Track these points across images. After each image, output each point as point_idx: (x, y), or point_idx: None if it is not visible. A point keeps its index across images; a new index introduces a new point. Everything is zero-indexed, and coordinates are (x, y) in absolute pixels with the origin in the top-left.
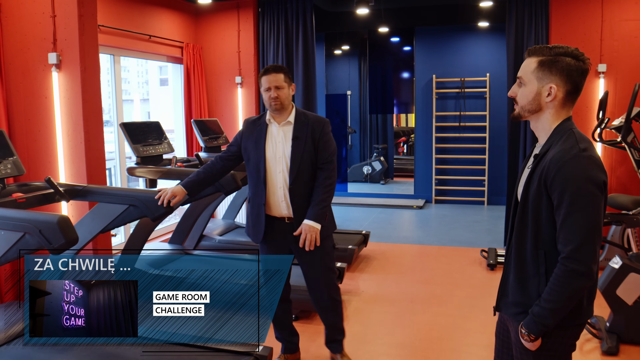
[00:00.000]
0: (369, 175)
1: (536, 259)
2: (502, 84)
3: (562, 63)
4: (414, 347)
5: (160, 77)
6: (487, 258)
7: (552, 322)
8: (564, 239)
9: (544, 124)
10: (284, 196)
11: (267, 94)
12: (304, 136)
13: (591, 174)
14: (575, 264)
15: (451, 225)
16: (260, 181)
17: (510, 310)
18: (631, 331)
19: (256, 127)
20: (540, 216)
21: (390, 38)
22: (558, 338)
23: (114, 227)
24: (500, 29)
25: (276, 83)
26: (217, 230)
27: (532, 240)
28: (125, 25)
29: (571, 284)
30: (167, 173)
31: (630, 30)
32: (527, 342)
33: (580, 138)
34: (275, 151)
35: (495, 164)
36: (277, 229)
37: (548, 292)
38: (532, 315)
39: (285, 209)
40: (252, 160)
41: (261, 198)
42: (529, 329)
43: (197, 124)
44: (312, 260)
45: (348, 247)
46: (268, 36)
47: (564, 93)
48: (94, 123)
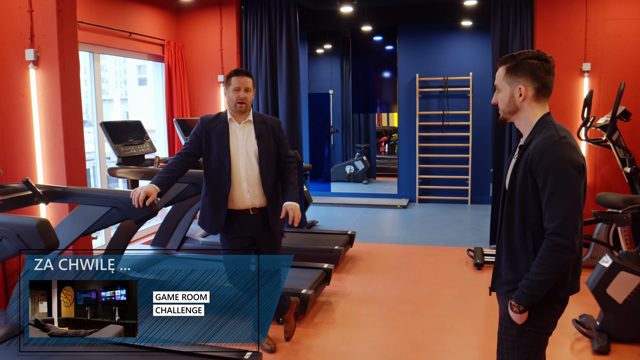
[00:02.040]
0: (352, 174)
1: (524, 239)
2: (485, 83)
3: (525, 65)
4: (404, 349)
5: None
6: (474, 258)
7: (540, 293)
8: (549, 217)
9: (525, 120)
10: (247, 189)
11: (236, 94)
12: (265, 134)
13: (571, 158)
14: (560, 239)
15: (436, 224)
16: (225, 175)
17: (503, 289)
18: (621, 330)
19: (217, 124)
20: (527, 199)
21: (373, 37)
22: (541, 315)
23: (96, 230)
24: (483, 28)
25: (246, 85)
26: (200, 232)
27: (519, 222)
28: (104, 21)
29: (557, 257)
30: (150, 174)
31: (613, 30)
32: (516, 314)
33: (559, 128)
34: (238, 147)
35: (479, 163)
36: (238, 221)
37: (536, 265)
38: (521, 288)
39: (249, 200)
40: (214, 155)
41: (225, 190)
42: (518, 301)
43: (179, 124)
44: (272, 245)
45: (334, 247)
46: (251, 34)
47: (533, 90)
48: (73, 122)
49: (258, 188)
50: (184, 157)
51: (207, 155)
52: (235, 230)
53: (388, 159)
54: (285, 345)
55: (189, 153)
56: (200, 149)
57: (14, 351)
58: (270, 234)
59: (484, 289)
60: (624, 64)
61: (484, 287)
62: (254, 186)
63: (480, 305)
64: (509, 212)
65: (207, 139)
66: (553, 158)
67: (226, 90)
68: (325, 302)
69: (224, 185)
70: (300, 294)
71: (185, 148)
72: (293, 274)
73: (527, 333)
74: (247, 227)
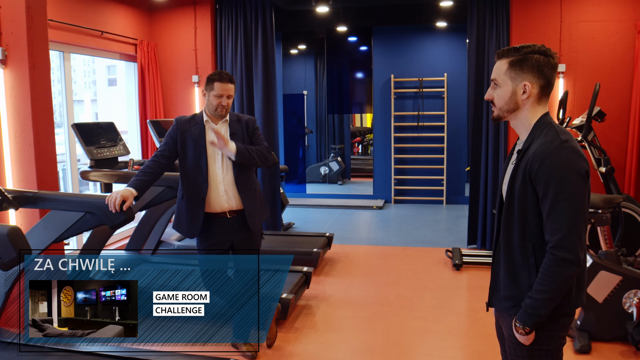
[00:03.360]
0: (327, 175)
1: (524, 251)
2: (460, 84)
3: (531, 60)
4: (388, 353)
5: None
6: (452, 258)
7: (546, 312)
8: (551, 229)
9: (523, 121)
10: (224, 191)
11: (217, 100)
12: (239, 132)
13: (574, 164)
14: (563, 252)
15: (412, 225)
16: (202, 177)
17: (503, 305)
18: (601, 329)
19: (192, 126)
20: (526, 209)
21: (348, 37)
22: (550, 332)
23: (69, 236)
24: (458, 29)
25: (229, 92)
26: (175, 235)
27: (519, 233)
28: (75, 20)
29: (561, 272)
30: (124, 177)
31: (587, 31)
32: (522, 336)
33: (560, 131)
34: (214, 149)
35: (453, 164)
36: (215, 225)
37: (539, 282)
38: (525, 308)
39: (225, 202)
40: (190, 158)
41: (202, 193)
42: (523, 322)
43: (153, 125)
44: (251, 247)
45: (313, 250)
46: (226, 34)
47: (538, 88)
48: (44, 124)
49: (233, 188)
50: (159, 160)
51: (182, 157)
52: (212, 235)
53: (362, 159)
54: (267, 352)
55: (165, 155)
56: (176, 151)
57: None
58: (249, 235)
59: (464, 289)
60: (598, 65)
61: (464, 288)
62: (230, 187)
63: (461, 306)
64: (507, 222)
65: (183, 141)
66: (555, 165)
67: (205, 92)
68: (306, 306)
69: (201, 187)
70: (281, 299)
71: (160, 150)
72: None
73: (538, 352)
74: (224, 230)
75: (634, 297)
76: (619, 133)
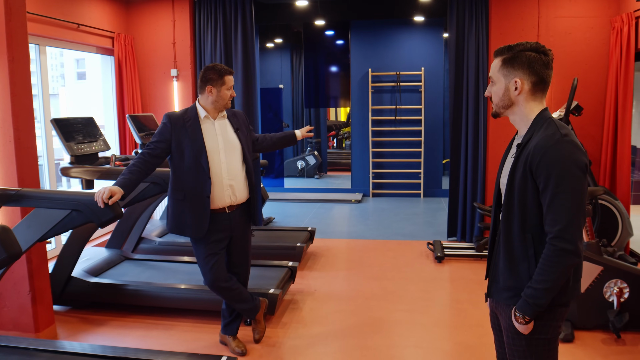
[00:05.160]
0: (304, 169)
1: (524, 242)
2: (437, 78)
3: (522, 57)
4: (377, 346)
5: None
6: (434, 251)
7: (545, 301)
8: (551, 220)
9: (521, 116)
10: (228, 186)
11: (229, 93)
12: (242, 127)
13: (574, 157)
14: (563, 243)
15: (392, 218)
16: (204, 174)
17: (503, 295)
18: (583, 317)
19: (187, 122)
20: (527, 201)
21: (326, 31)
22: (547, 321)
23: (54, 235)
24: (435, 23)
25: (233, 83)
26: (156, 232)
27: (519, 225)
28: (51, 12)
29: (561, 262)
30: (107, 173)
31: (564, 27)
32: (522, 325)
33: (560, 125)
34: (217, 143)
35: (431, 157)
36: (215, 221)
37: (539, 272)
38: (525, 298)
39: (228, 197)
40: (189, 155)
41: (206, 191)
42: (523, 311)
43: (133, 120)
44: (246, 242)
45: (296, 244)
46: (205, 27)
47: (530, 84)
48: (24, 119)
49: (243, 183)
50: (148, 159)
51: (179, 156)
52: (213, 232)
53: (338, 153)
54: (256, 347)
55: (155, 155)
56: (167, 150)
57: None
58: (245, 230)
59: (447, 282)
60: (574, 60)
61: (447, 280)
62: (239, 181)
63: (445, 298)
64: (507, 214)
65: (178, 140)
66: (556, 158)
67: (212, 87)
68: (292, 301)
69: (204, 185)
70: (269, 294)
71: (150, 149)
72: (258, 273)
73: (536, 341)
74: (225, 226)
75: (615, 287)
76: (594, 127)
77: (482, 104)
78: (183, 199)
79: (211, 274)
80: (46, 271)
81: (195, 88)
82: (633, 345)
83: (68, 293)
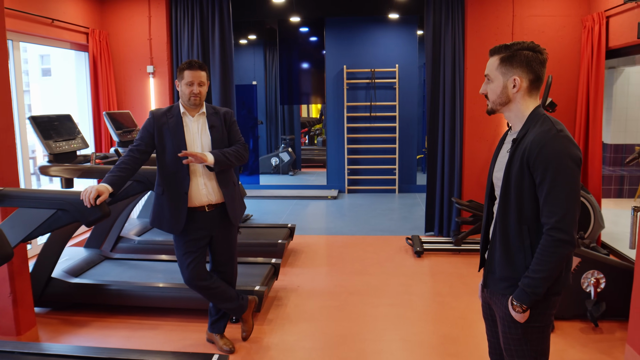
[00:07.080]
0: (278, 166)
1: (520, 234)
2: (411, 75)
3: (520, 56)
4: (364, 340)
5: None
6: (413, 246)
7: (542, 290)
8: (548, 212)
9: (517, 112)
10: (204, 184)
11: (189, 89)
12: (218, 125)
13: (570, 151)
14: (560, 234)
15: (369, 214)
16: (184, 171)
17: (499, 286)
18: (562, 308)
19: (169, 119)
20: (523, 194)
21: (300, 28)
22: (542, 309)
23: (39, 235)
24: (409, 21)
25: (199, 79)
26: (134, 231)
27: (515, 217)
28: (25, 6)
29: (557, 252)
30: (87, 171)
31: (538, 25)
32: (518, 314)
33: (555, 121)
34: (194, 141)
35: (405, 153)
36: (194, 219)
37: (536, 262)
38: (522, 287)
39: (205, 196)
40: (169, 151)
41: (184, 187)
42: (520, 300)
43: (109, 117)
44: (229, 241)
45: (278, 241)
46: (182, 23)
47: (527, 82)
48: (3, 117)
49: (214, 181)
50: (135, 154)
51: (161, 151)
52: (192, 230)
53: (310, 150)
54: (244, 345)
55: (140, 150)
56: (152, 145)
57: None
58: (227, 229)
59: (427, 275)
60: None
61: (428, 274)
62: (211, 180)
63: (427, 291)
64: (503, 207)
65: (160, 135)
66: (552, 152)
67: (178, 83)
68: (276, 298)
69: (182, 181)
70: (255, 291)
71: (136, 145)
72: (242, 271)
73: (531, 329)
74: (204, 225)
75: (592, 277)
76: (567, 123)
77: (459, 100)
78: (162, 194)
79: (188, 271)
80: (27, 273)
81: (172, 85)
82: (610, 333)
83: (48, 294)
